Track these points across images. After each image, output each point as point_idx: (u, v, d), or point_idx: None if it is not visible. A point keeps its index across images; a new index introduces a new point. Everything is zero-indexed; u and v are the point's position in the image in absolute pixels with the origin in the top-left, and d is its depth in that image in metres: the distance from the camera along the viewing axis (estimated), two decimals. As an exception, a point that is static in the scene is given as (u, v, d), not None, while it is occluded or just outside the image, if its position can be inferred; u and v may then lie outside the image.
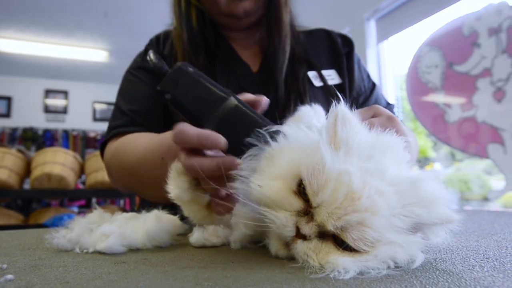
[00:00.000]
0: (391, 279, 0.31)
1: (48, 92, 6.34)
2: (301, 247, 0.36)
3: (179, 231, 0.51)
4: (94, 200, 4.51)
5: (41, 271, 0.35)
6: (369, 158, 0.36)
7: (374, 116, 0.54)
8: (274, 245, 0.39)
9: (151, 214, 0.51)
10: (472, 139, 2.48)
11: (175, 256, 0.42)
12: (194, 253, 0.44)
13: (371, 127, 0.41)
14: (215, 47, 0.91)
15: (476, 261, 0.38)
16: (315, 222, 0.35)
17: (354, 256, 0.34)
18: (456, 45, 2.59)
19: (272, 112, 0.56)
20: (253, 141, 0.43)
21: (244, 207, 0.42)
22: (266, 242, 0.41)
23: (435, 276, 0.32)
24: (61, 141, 6.16)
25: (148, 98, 0.88)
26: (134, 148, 0.76)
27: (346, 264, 0.33)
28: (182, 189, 0.50)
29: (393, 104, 0.98)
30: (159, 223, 0.48)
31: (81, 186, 4.18)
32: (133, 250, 0.46)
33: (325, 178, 0.35)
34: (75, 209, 4.23)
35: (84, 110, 6.50)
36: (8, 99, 6.09)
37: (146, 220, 0.49)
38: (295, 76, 0.88)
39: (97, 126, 6.41)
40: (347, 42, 1.00)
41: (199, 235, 0.48)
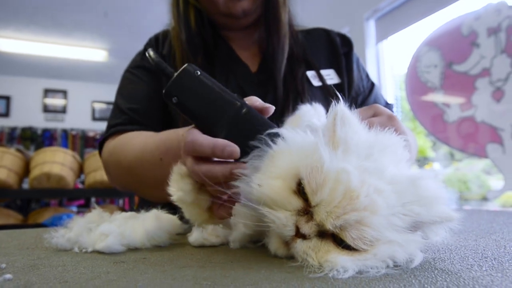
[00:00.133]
0: (390, 278, 0.31)
1: (47, 92, 6.33)
2: (301, 246, 0.36)
3: (178, 231, 0.51)
4: (93, 200, 4.51)
5: (40, 271, 0.36)
6: (368, 157, 0.36)
7: (375, 115, 0.54)
8: (274, 244, 0.39)
9: (150, 214, 0.51)
10: (471, 139, 2.49)
11: (174, 256, 0.42)
12: (193, 253, 0.44)
13: (371, 126, 0.41)
14: (214, 47, 0.91)
15: (475, 260, 0.38)
16: (315, 222, 0.35)
17: (353, 255, 0.34)
18: (455, 45, 2.59)
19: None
20: (256, 144, 0.43)
21: (244, 207, 0.42)
22: (265, 242, 0.41)
23: (434, 275, 0.32)
24: (60, 141, 6.15)
25: (147, 97, 0.87)
26: (132, 147, 0.75)
27: (345, 263, 0.33)
28: (185, 192, 0.50)
29: (392, 104, 0.98)
30: (158, 223, 0.48)
31: (80, 186, 4.18)
32: (132, 250, 0.46)
33: (324, 177, 0.35)
34: (74, 209, 4.23)
35: (83, 110, 6.50)
36: (7, 99, 6.09)
37: (145, 220, 0.49)
38: (294, 76, 0.88)
39: (96, 126, 6.41)
40: (346, 42, 1.00)
41: (198, 235, 0.48)
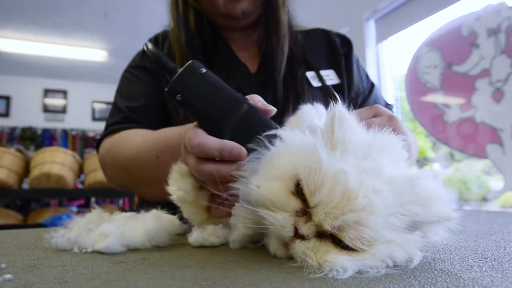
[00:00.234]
0: (390, 279, 0.31)
1: (47, 92, 6.33)
2: (300, 247, 0.36)
3: (178, 231, 0.51)
4: (93, 200, 4.51)
5: (40, 271, 0.35)
6: (366, 157, 0.36)
7: (375, 116, 0.54)
8: (273, 245, 0.40)
9: (150, 214, 0.51)
10: (471, 140, 2.49)
11: (174, 256, 0.42)
12: (193, 253, 0.44)
13: (370, 127, 0.41)
14: (213, 48, 0.91)
15: (475, 261, 0.38)
16: (313, 222, 0.35)
17: (352, 255, 0.34)
18: (455, 46, 2.59)
19: None
20: (254, 146, 0.43)
21: (243, 208, 0.42)
22: (265, 242, 0.41)
23: (434, 276, 0.32)
24: (60, 141, 6.15)
25: (146, 96, 0.87)
26: (129, 145, 0.75)
27: (344, 263, 0.33)
28: (185, 191, 0.50)
29: (392, 105, 0.98)
30: (158, 223, 0.48)
31: (80, 186, 4.17)
32: (132, 250, 0.46)
33: (322, 178, 0.35)
34: (74, 209, 4.23)
35: (83, 110, 6.50)
36: (7, 99, 6.09)
37: (145, 220, 0.49)
38: (294, 77, 0.88)
39: (96, 126, 6.40)
40: (346, 42, 1.00)
41: (198, 235, 0.48)
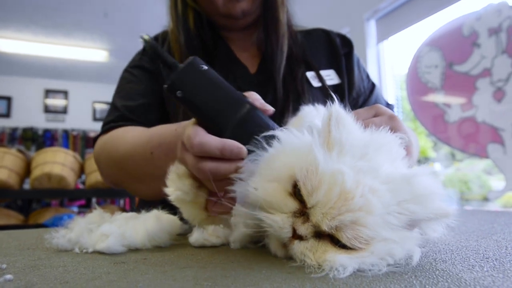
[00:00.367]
0: (391, 279, 0.31)
1: (48, 92, 6.34)
2: (298, 247, 0.36)
3: (179, 231, 0.51)
4: (94, 200, 4.51)
5: (41, 271, 0.36)
6: (363, 157, 0.37)
7: (376, 116, 0.54)
8: (273, 246, 0.40)
9: (151, 214, 0.51)
10: (472, 139, 2.48)
11: (175, 256, 0.42)
12: (194, 253, 0.44)
13: (371, 127, 0.41)
14: (213, 48, 0.91)
15: (476, 261, 0.38)
16: (311, 223, 0.36)
17: (351, 253, 0.34)
18: (456, 45, 2.59)
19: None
20: (252, 148, 0.43)
21: (243, 209, 0.42)
22: (266, 242, 0.41)
23: (435, 276, 0.32)
24: (61, 141, 6.16)
25: (144, 96, 0.87)
26: (123, 142, 0.75)
27: (344, 261, 0.33)
28: (184, 192, 0.50)
29: (393, 105, 0.98)
30: (159, 223, 0.48)
31: (81, 186, 4.18)
32: (133, 250, 0.46)
33: (319, 179, 0.35)
34: (75, 209, 4.23)
35: (84, 110, 6.50)
36: (8, 99, 6.10)
37: (146, 220, 0.49)
38: (293, 77, 0.88)
39: (97, 126, 6.39)
40: (346, 42, 0.99)
41: (199, 235, 0.48)
